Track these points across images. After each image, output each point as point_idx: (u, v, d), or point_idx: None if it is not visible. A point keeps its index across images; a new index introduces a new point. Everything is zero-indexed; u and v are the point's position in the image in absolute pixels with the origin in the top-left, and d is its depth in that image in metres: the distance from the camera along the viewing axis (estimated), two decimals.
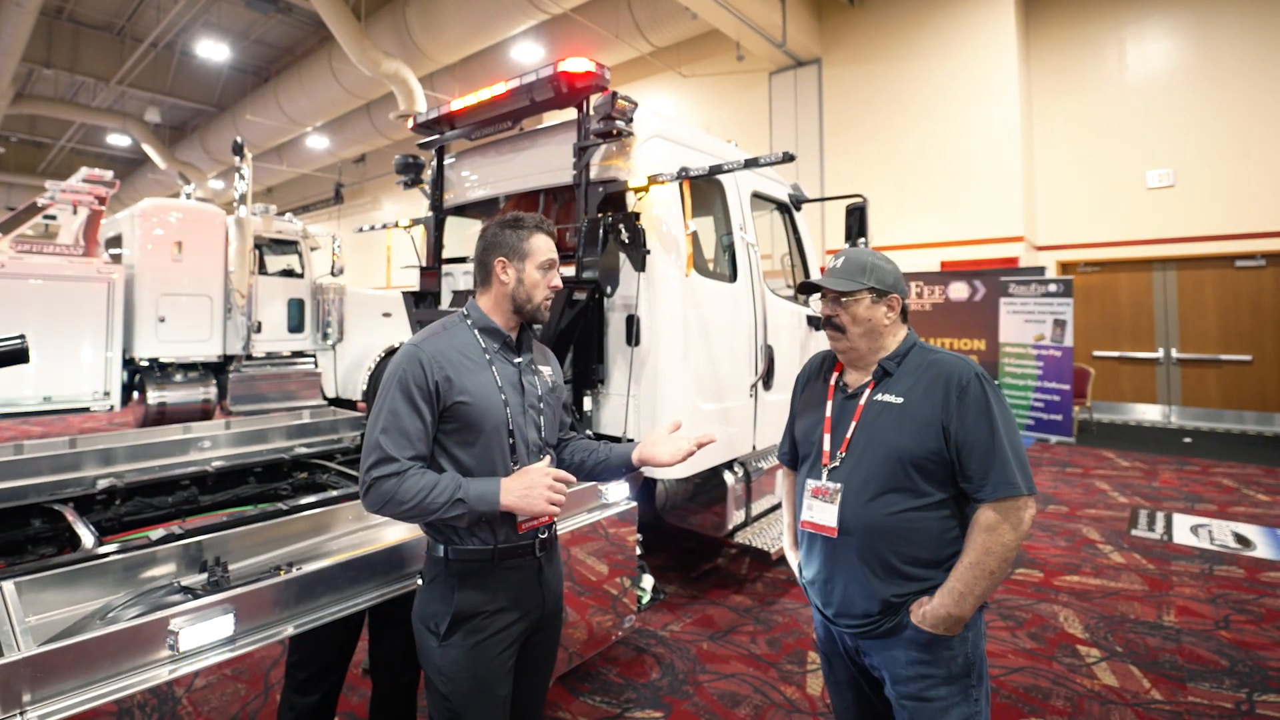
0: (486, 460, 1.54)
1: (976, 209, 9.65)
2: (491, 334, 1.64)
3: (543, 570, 1.64)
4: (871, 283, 1.58)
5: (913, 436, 1.49)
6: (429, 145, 3.87)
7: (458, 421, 1.52)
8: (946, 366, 1.53)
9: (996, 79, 9.43)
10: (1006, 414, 1.50)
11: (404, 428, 1.46)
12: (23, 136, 18.48)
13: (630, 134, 3.05)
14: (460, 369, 1.53)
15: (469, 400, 1.51)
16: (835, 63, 10.91)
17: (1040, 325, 8.53)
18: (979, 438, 1.45)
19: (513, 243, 1.62)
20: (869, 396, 1.58)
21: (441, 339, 1.57)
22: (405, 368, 1.50)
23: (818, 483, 1.60)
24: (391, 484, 1.43)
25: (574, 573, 2.30)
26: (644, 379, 3.07)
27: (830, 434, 1.62)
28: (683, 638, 3.28)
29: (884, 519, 1.50)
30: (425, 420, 1.48)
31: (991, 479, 1.43)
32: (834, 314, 1.61)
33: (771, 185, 4.10)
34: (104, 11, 12.94)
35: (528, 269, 1.62)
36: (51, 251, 6.03)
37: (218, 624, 1.40)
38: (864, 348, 1.60)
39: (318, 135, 15.75)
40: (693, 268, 3.11)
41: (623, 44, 10.69)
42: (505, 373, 1.61)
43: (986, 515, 1.44)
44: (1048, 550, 4.57)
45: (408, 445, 1.46)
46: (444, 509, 1.44)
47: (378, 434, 1.45)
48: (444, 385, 1.50)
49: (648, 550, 4.37)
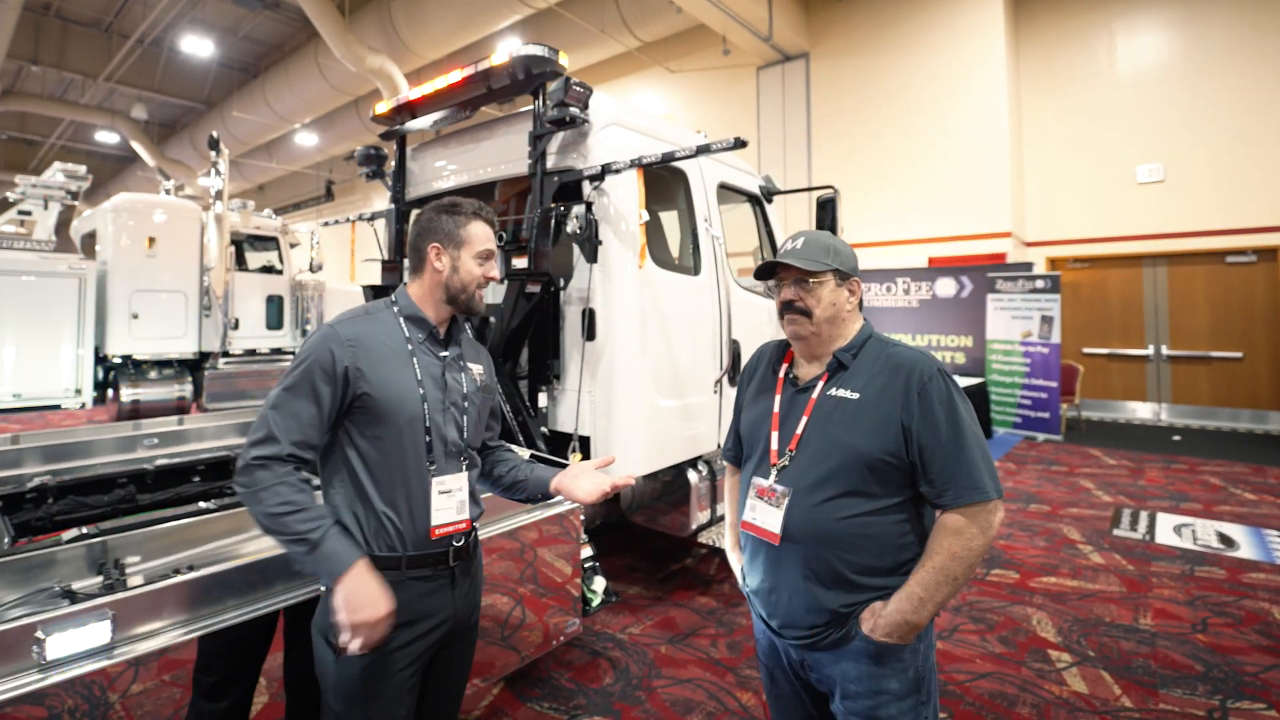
0: (397, 458, 1.44)
1: (964, 205, 9.56)
2: (418, 324, 1.54)
3: (456, 581, 1.53)
4: (835, 264, 1.48)
5: (869, 436, 1.38)
6: (389, 136, 3.77)
7: (366, 413, 1.43)
8: (906, 361, 1.42)
9: (985, 73, 9.33)
10: (970, 412, 1.40)
11: (297, 410, 1.37)
12: (12, 134, 18.36)
13: (585, 121, 2.96)
14: (375, 357, 1.44)
15: (378, 391, 1.42)
16: (823, 57, 10.81)
17: (1028, 322, 8.45)
18: (943, 439, 1.35)
19: (449, 229, 1.53)
20: (822, 390, 1.47)
21: (361, 323, 1.48)
22: (314, 349, 1.41)
23: (764, 483, 1.48)
24: (265, 476, 1.32)
25: (511, 574, 2.21)
26: (599, 375, 2.97)
27: (779, 430, 1.50)
28: (641, 640, 3.19)
29: (834, 525, 1.39)
30: (322, 407, 1.39)
31: (957, 483, 1.34)
32: (797, 298, 1.48)
33: (741, 177, 4.00)
34: (91, 8, 12.82)
35: (463, 257, 1.53)
36: (22, 247, 5.93)
37: (92, 631, 1.31)
38: (826, 334, 1.49)
39: (306, 132, 15.63)
40: (649, 259, 3.01)
41: (609, 39, 10.59)
42: (428, 365, 1.52)
43: (953, 519, 1.34)
44: (1025, 550, 4.48)
45: (296, 428, 1.36)
46: (294, 539, 1.31)
47: (268, 408, 1.37)
48: (353, 373, 1.40)
49: (613, 550, 4.29)
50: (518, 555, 2.24)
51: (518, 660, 2.26)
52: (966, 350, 9.09)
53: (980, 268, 9.02)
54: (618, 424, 2.96)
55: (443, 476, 1.49)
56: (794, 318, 1.50)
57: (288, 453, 1.35)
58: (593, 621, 3.35)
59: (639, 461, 3.01)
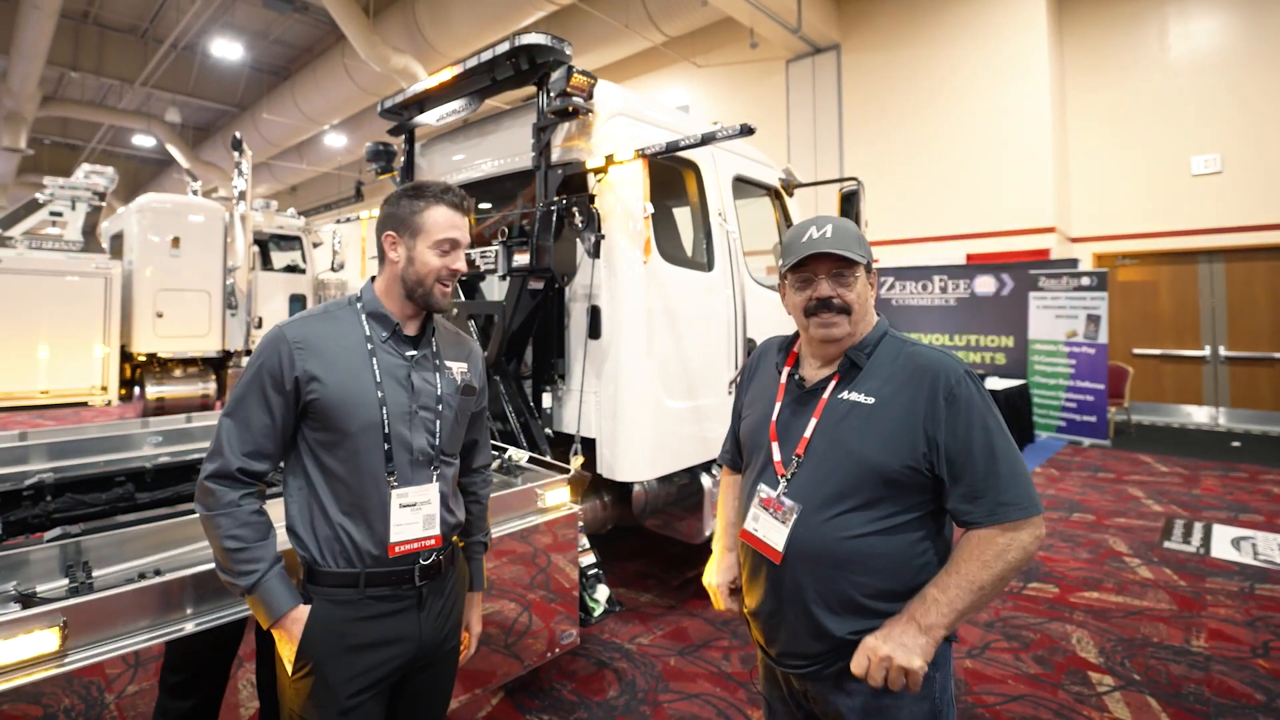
0: (353, 466, 1.34)
1: (1005, 199, 9.23)
2: (380, 320, 1.43)
3: (425, 602, 1.42)
4: (868, 256, 1.35)
5: (887, 446, 1.24)
6: (398, 131, 3.74)
7: (319, 419, 1.34)
8: (930, 362, 1.28)
9: (1026, 61, 8.99)
10: (1000, 418, 1.27)
11: (248, 418, 1.31)
12: (56, 139, 19.14)
13: (589, 111, 2.87)
14: (326, 359, 1.34)
15: (329, 396, 1.32)
16: (855, 49, 10.57)
17: (1073, 321, 8.11)
18: (975, 451, 1.21)
19: (404, 215, 1.42)
20: (832, 393, 1.34)
21: (314, 323, 1.39)
22: (263, 353, 1.34)
23: (771, 493, 1.35)
24: (212, 502, 1.27)
25: (502, 582, 2.13)
26: (604, 374, 2.88)
27: (779, 440, 1.38)
28: (650, 651, 3.09)
29: (843, 543, 1.25)
30: (275, 416, 1.32)
31: (991, 499, 1.20)
32: (835, 294, 1.32)
33: (758, 169, 3.88)
34: (127, 14, 13.26)
35: (419, 247, 1.41)
36: (51, 247, 6.11)
37: (37, 639, 1.26)
38: (857, 334, 1.36)
39: (335, 133, 15.92)
40: (654, 254, 2.91)
41: (634, 34, 10.51)
42: (390, 366, 1.41)
43: (987, 534, 1.21)
44: (1067, 562, 4.24)
45: (248, 438, 1.30)
46: (231, 578, 1.27)
47: (222, 418, 1.32)
48: (303, 377, 1.32)
49: (627, 555, 4.20)
50: (510, 563, 2.16)
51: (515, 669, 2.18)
52: (1007, 350, 8.77)
53: (1022, 265, 8.70)
54: (623, 426, 2.87)
55: (405, 488, 1.38)
56: (830, 318, 1.33)
57: (236, 467, 1.29)
58: (600, 630, 3.26)
59: (646, 465, 2.91)
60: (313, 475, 1.35)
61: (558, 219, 2.78)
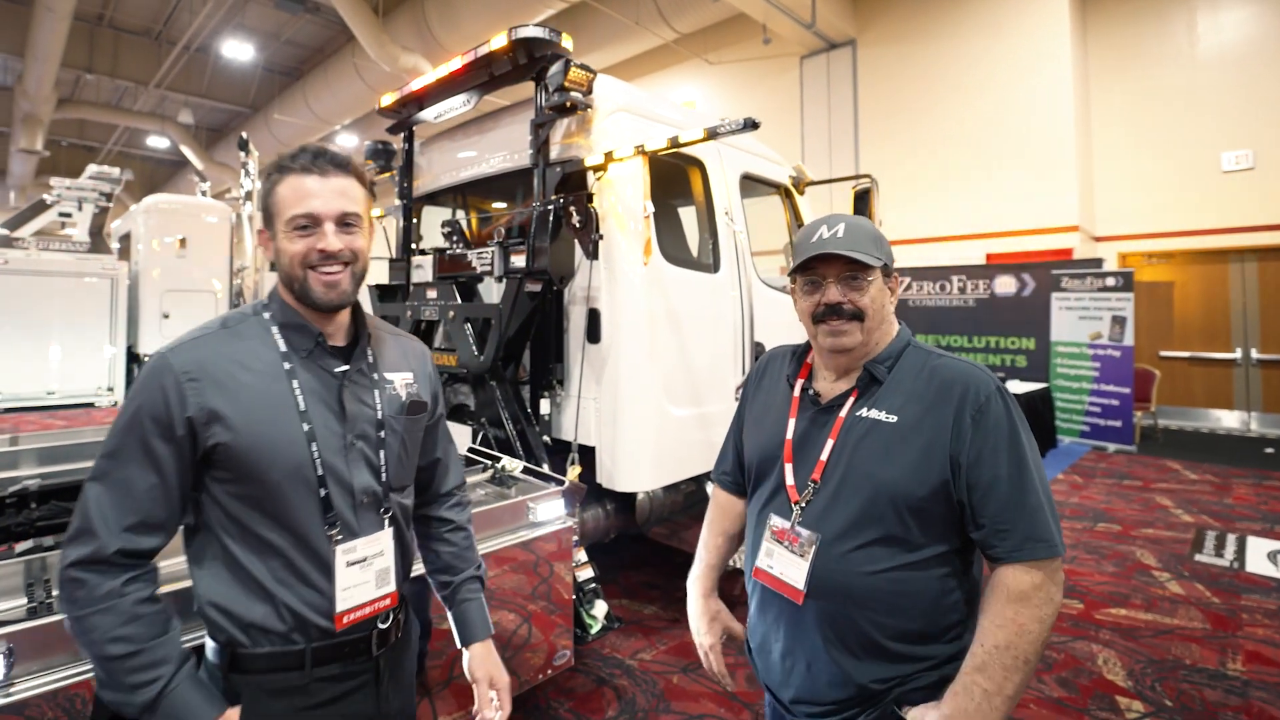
0: (288, 525, 1.07)
1: (1026, 197, 9.03)
2: (297, 332, 1.14)
3: (382, 676, 1.16)
4: (885, 257, 1.23)
5: (909, 470, 1.13)
6: (397, 129, 3.68)
7: (230, 470, 1.04)
8: (958, 376, 1.16)
9: (1049, 55, 8.79)
10: (1032, 442, 1.15)
11: (127, 480, 0.99)
12: (73, 141, 19.42)
13: (588, 107, 2.78)
14: (230, 391, 1.04)
15: (241, 438, 1.03)
16: (870, 44, 10.40)
17: (1097, 323, 7.91)
18: (1004, 475, 1.10)
19: (263, 205, 1.13)
20: (850, 411, 1.22)
21: (208, 344, 1.07)
22: (142, 391, 1.02)
23: (784, 524, 1.23)
24: (83, 596, 0.96)
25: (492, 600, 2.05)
26: (604, 380, 2.79)
27: (793, 462, 1.25)
28: (653, 668, 2.99)
29: (866, 579, 1.14)
30: (163, 471, 1.01)
31: (1018, 532, 1.08)
32: (846, 299, 1.20)
33: (767, 166, 3.77)
34: (141, 16, 13.40)
35: (278, 235, 1.12)
36: (59, 248, 6.13)
37: None
38: (873, 343, 1.24)
39: (346, 133, 16.00)
40: (656, 255, 2.82)
41: (645, 32, 10.42)
42: (316, 388, 1.12)
43: (1015, 579, 1.09)
44: (1091, 576, 4.08)
45: (131, 508, 0.99)
46: (125, 693, 0.96)
47: (88, 485, 0.99)
48: (200, 418, 1.01)
49: (631, 564, 4.10)
50: (500, 578, 2.07)
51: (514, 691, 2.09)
52: (1028, 353, 8.56)
53: (1044, 264, 8.50)
54: (624, 433, 2.77)
55: (352, 541, 1.12)
56: (840, 326, 1.21)
57: (115, 549, 0.97)
58: (601, 644, 3.17)
59: (647, 475, 2.81)
60: (227, 539, 1.06)
61: (555, 219, 2.69)
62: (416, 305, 3.33)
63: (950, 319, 9.14)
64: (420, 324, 3.34)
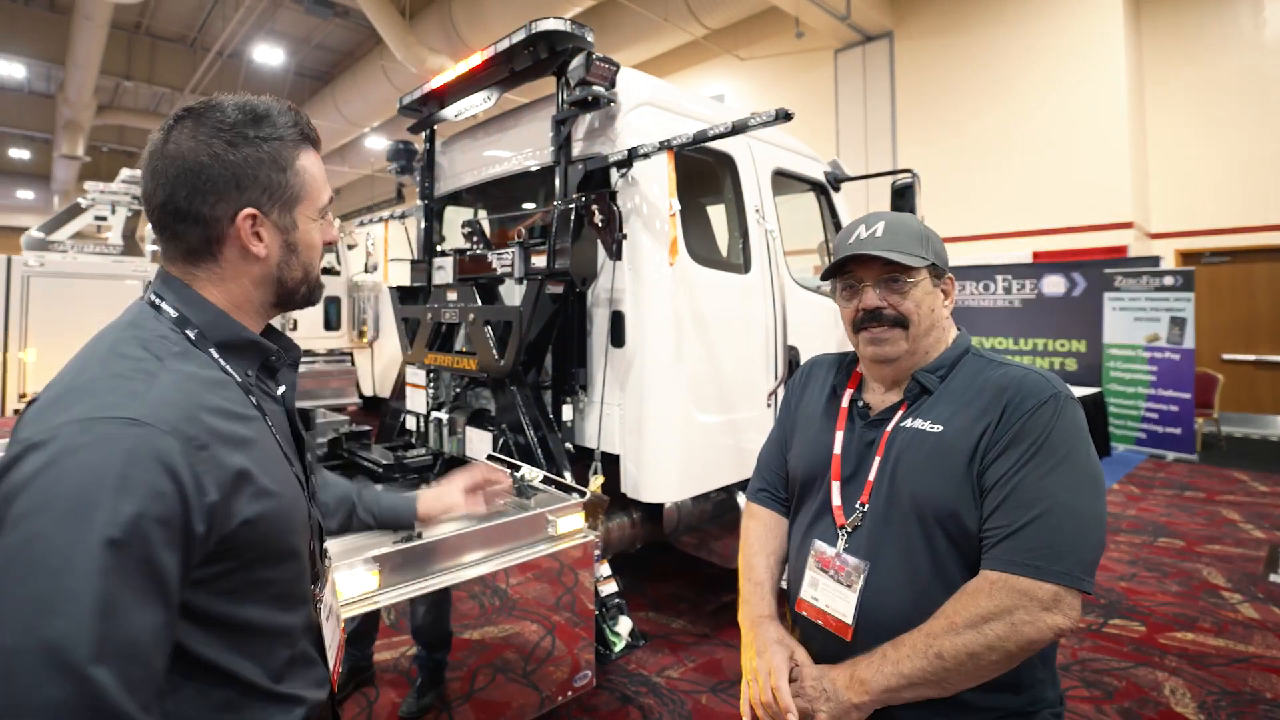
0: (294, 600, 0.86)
1: (1076, 193, 8.71)
2: (245, 352, 0.87)
3: None
4: (931, 257, 1.12)
5: (952, 485, 1.02)
6: (418, 129, 3.66)
7: (242, 555, 0.76)
8: (1012, 381, 1.06)
9: (1099, 43, 8.47)
10: (1091, 465, 1.01)
11: (135, 640, 0.63)
12: (113, 146, 20.14)
13: (611, 101, 2.70)
14: (237, 444, 0.76)
15: (269, 505, 0.78)
16: (909, 36, 10.17)
17: (1154, 324, 7.56)
18: (1024, 470, 0.98)
19: (266, 175, 0.84)
20: (897, 423, 1.12)
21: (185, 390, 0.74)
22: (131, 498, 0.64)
23: (829, 551, 1.13)
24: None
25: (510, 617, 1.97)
26: (629, 386, 2.70)
27: (842, 480, 1.16)
28: (680, 686, 2.89)
29: (920, 612, 1.02)
30: (170, 600, 0.68)
31: (1020, 537, 0.96)
32: (886, 303, 1.12)
33: (801, 162, 3.64)
34: (177, 24, 13.84)
35: (303, 222, 0.89)
36: (93, 251, 6.30)
37: None
38: (922, 351, 1.14)
39: (375, 135, 16.26)
40: (682, 255, 2.72)
41: (674, 28, 10.34)
42: (281, 423, 0.92)
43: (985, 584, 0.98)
44: (1153, 595, 3.85)
45: (145, 681, 0.64)
46: None
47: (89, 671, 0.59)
48: (225, 498, 0.72)
49: (660, 575, 4.00)
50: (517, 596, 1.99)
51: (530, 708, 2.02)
52: (1079, 356, 8.24)
53: (1096, 263, 8.17)
54: (649, 441, 2.68)
55: (321, 592, 0.97)
56: (881, 333, 1.13)
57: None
58: (626, 660, 3.08)
59: (674, 485, 2.72)
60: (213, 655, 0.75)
61: (577, 218, 2.62)
62: (437, 307, 3.29)
63: (995, 320, 8.85)
64: (440, 326, 3.31)
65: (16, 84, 16.10)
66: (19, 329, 5.57)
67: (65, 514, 0.62)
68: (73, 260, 6.07)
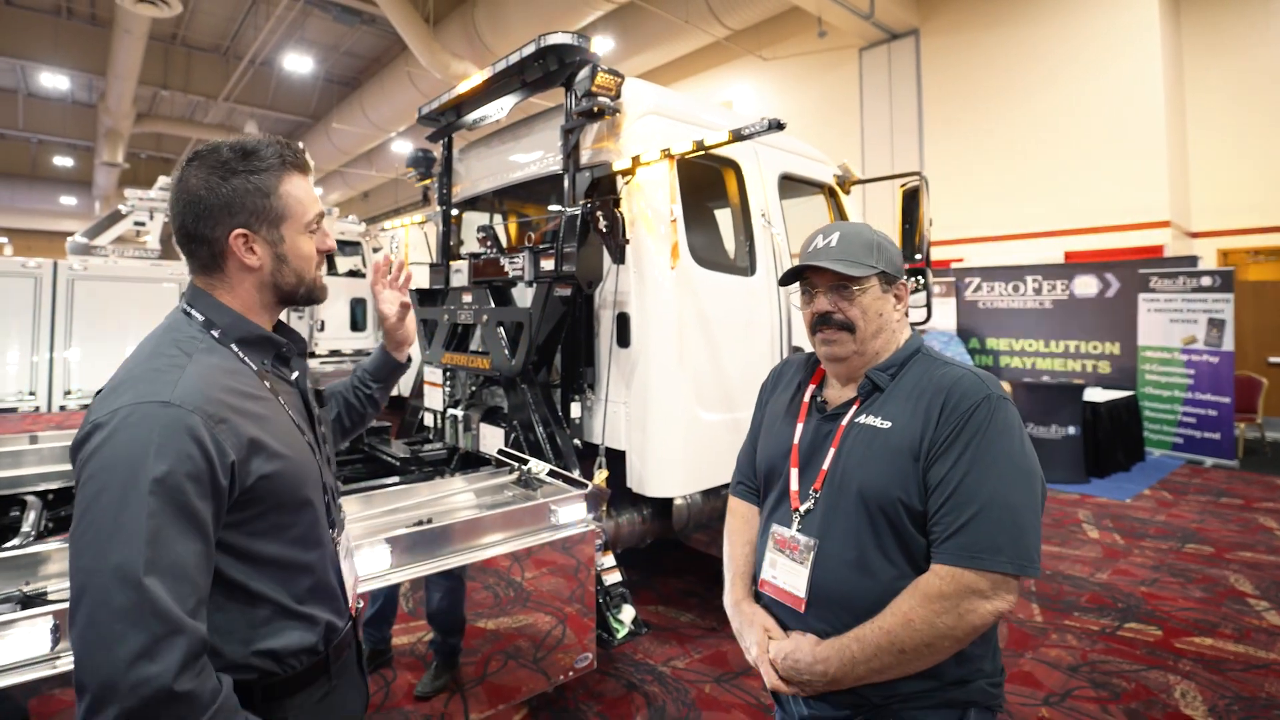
0: (313, 542, 1.08)
1: (1109, 191, 8.61)
2: (261, 346, 1.11)
3: (361, 652, 1.25)
4: (881, 265, 1.26)
5: (888, 473, 1.16)
6: (436, 137, 3.87)
7: (263, 504, 0.99)
8: (951, 381, 1.19)
9: (1135, 36, 8.38)
10: (1024, 460, 1.14)
11: (181, 562, 0.85)
12: (151, 154, 21.04)
13: (616, 111, 2.87)
14: (256, 416, 1.00)
15: (282, 464, 1.01)
16: (935, 33, 10.16)
17: (1191, 326, 7.46)
18: (962, 475, 1.11)
19: (255, 201, 1.05)
20: (852, 418, 1.26)
21: (207, 377, 0.97)
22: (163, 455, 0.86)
23: (785, 532, 1.27)
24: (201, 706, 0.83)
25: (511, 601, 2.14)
26: (634, 385, 2.86)
27: (799, 467, 1.30)
28: (685, 676, 3.03)
29: (865, 590, 1.16)
30: (208, 536, 0.90)
31: (964, 534, 1.09)
32: (835, 308, 1.26)
33: (809, 166, 3.76)
34: (211, 34, 14.45)
35: (289, 237, 1.09)
36: (132, 255, 6.68)
37: (32, 640, 1.34)
38: (871, 352, 1.28)
39: (401, 140, 16.71)
40: (686, 259, 2.87)
41: (695, 30, 10.49)
42: (290, 400, 1.14)
43: (931, 577, 1.11)
44: (1174, 601, 3.87)
45: (190, 589, 0.86)
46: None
47: (142, 581, 0.81)
48: (241, 455, 0.94)
49: (671, 571, 4.14)
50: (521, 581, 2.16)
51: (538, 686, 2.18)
52: (1113, 359, 8.15)
53: (1130, 263, 8.08)
54: (654, 438, 2.83)
55: (339, 536, 1.20)
56: (831, 335, 1.27)
57: (200, 636, 0.85)
58: (634, 650, 3.23)
59: (677, 480, 2.86)
60: (247, 581, 0.98)
61: (582, 223, 2.78)
62: (452, 309, 3.48)
63: (1024, 322, 8.79)
64: (456, 327, 3.50)
65: (61, 95, 16.99)
66: (64, 329, 5.94)
67: (121, 473, 0.86)
68: (113, 264, 6.45)
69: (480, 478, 2.53)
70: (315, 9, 12.19)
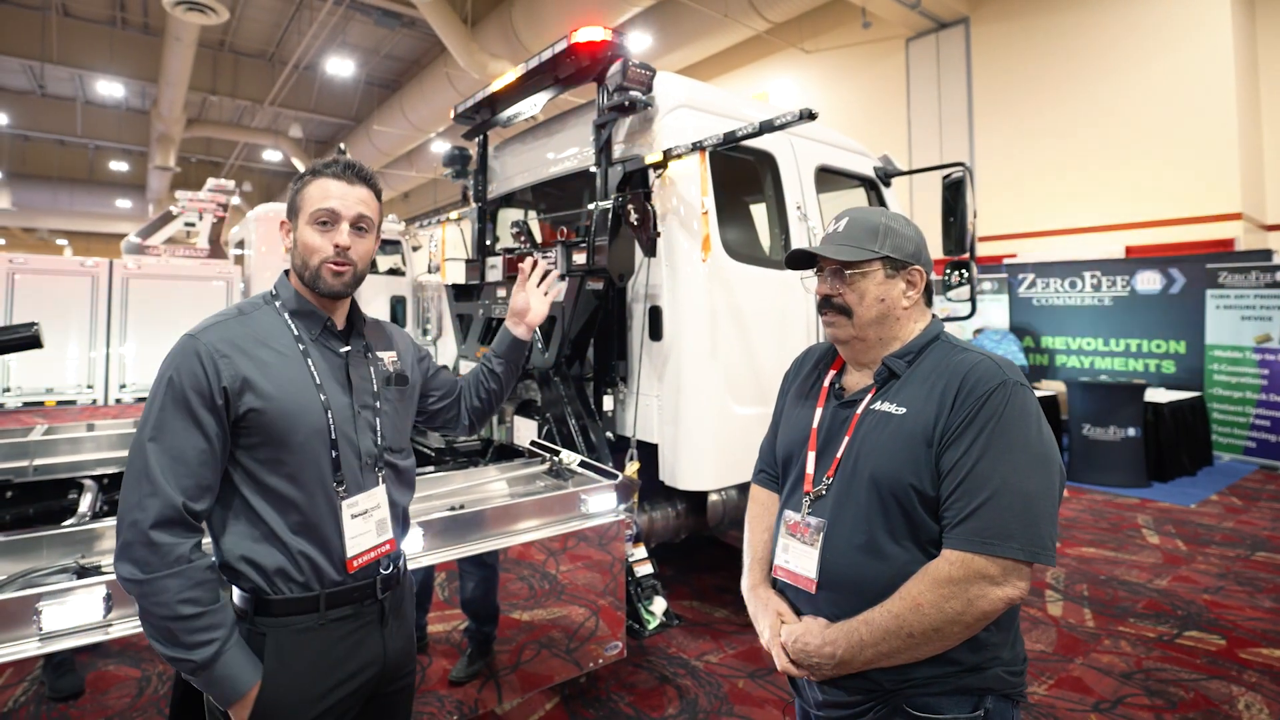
0: (305, 484, 1.26)
1: (1175, 183, 8.30)
2: (306, 317, 1.36)
3: (386, 618, 1.37)
4: (885, 250, 1.27)
5: (902, 458, 1.17)
6: (471, 135, 3.98)
7: (258, 434, 1.23)
8: (968, 367, 1.19)
9: (1204, 20, 8.06)
10: (1040, 446, 1.15)
11: (177, 447, 1.16)
12: (200, 157, 22.01)
13: (648, 105, 2.92)
14: (259, 362, 1.25)
15: (271, 404, 1.23)
16: (986, 20, 9.94)
17: (1266, 324, 7.16)
18: (976, 454, 1.12)
19: (290, 199, 1.38)
20: (868, 405, 1.27)
21: (231, 326, 1.28)
22: (177, 367, 1.20)
23: (796, 516, 1.30)
24: (160, 559, 1.11)
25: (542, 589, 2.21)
26: (666, 378, 2.90)
27: (816, 452, 1.32)
28: (718, 670, 3.06)
29: (876, 573, 1.18)
30: (209, 436, 1.19)
31: (975, 519, 1.10)
32: (835, 292, 1.29)
33: (848, 158, 3.75)
34: (257, 40, 15.06)
35: (300, 226, 1.34)
36: (183, 254, 7.04)
37: (86, 607, 1.47)
38: (873, 337, 1.29)
39: (440, 140, 17.09)
40: (718, 252, 2.90)
41: (735, 23, 10.48)
42: (325, 365, 1.35)
43: (941, 562, 1.12)
44: (1240, 610, 3.73)
45: (186, 471, 1.16)
46: (185, 650, 1.12)
47: (146, 444, 1.16)
48: (234, 388, 1.21)
49: (705, 567, 4.17)
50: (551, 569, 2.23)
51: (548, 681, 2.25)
52: (1178, 358, 7.85)
53: (1197, 258, 7.76)
54: (686, 432, 2.87)
55: (355, 496, 1.33)
56: (831, 317, 1.31)
57: (182, 504, 1.14)
58: (667, 643, 3.27)
59: (709, 473, 2.89)
60: (251, 499, 1.24)
61: (614, 217, 2.85)
62: (488, 304, 3.59)
63: (1081, 319, 8.53)
64: (491, 322, 3.60)
65: (116, 102, 17.92)
66: (120, 326, 6.30)
67: (157, 379, 1.22)
68: (165, 263, 6.82)
69: (512, 468, 2.61)
70: (356, 13, 12.60)
